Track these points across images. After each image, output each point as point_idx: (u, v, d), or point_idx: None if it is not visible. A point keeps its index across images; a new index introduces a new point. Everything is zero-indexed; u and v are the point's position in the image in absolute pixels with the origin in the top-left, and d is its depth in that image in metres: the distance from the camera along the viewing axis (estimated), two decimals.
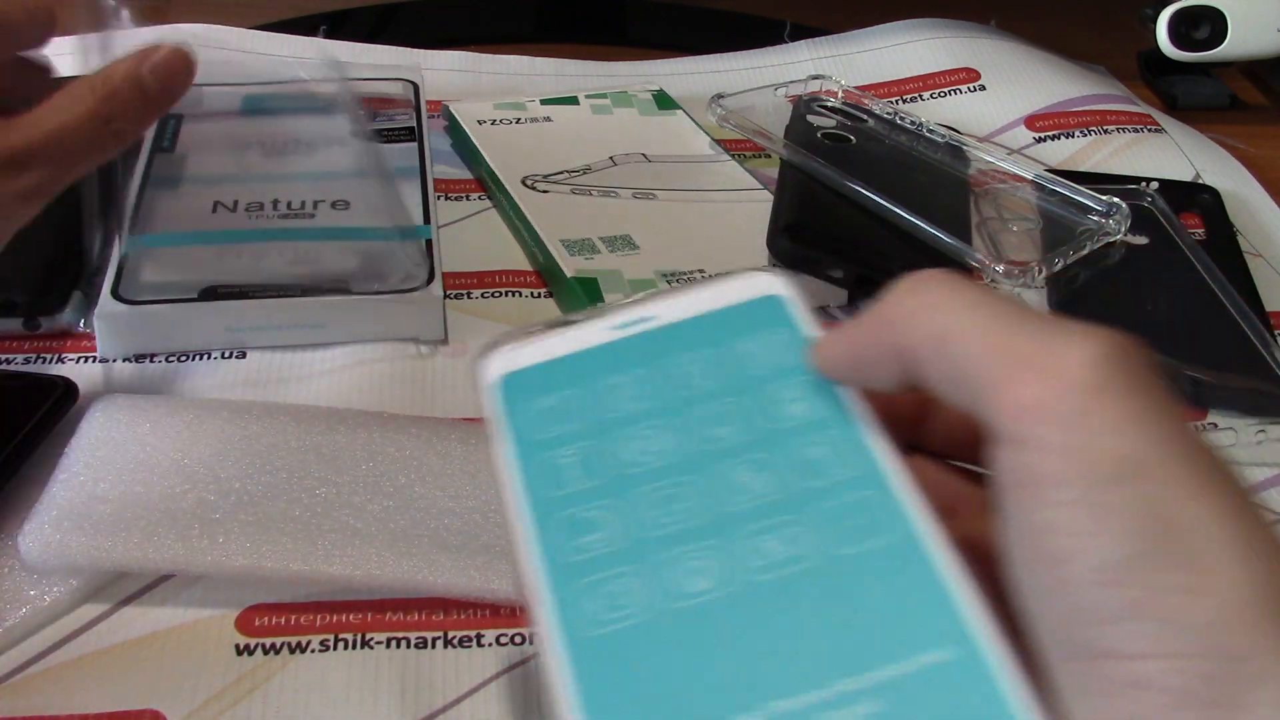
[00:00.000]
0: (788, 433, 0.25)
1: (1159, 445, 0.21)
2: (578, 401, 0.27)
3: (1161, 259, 0.53)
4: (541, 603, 0.23)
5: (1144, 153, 0.63)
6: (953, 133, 0.59)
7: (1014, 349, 0.22)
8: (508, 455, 0.26)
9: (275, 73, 0.59)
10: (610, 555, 0.24)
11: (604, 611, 0.23)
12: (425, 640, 0.35)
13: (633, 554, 0.24)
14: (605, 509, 0.25)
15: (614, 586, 0.24)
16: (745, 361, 0.27)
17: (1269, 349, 0.47)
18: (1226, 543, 0.21)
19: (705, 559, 0.24)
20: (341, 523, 0.37)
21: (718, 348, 0.27)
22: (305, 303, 0.45)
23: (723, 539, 0.24)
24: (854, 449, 0.25)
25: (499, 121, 0.60)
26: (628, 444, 0.26)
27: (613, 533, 0.24)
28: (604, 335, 0.28)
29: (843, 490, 0.24)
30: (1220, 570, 0.20)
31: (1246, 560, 0.20)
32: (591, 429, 0.26)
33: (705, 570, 0.23)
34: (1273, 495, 0.43)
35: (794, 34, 0.74)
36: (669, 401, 0.26)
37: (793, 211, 0.52)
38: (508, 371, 0.27)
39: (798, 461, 0.25)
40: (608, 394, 0.27)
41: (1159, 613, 0.20)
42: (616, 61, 0.70)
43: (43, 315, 0.46)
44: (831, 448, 0.25)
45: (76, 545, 0.35)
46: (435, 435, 0.40)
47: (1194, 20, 0.69)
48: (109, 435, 0.38)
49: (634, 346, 0.27)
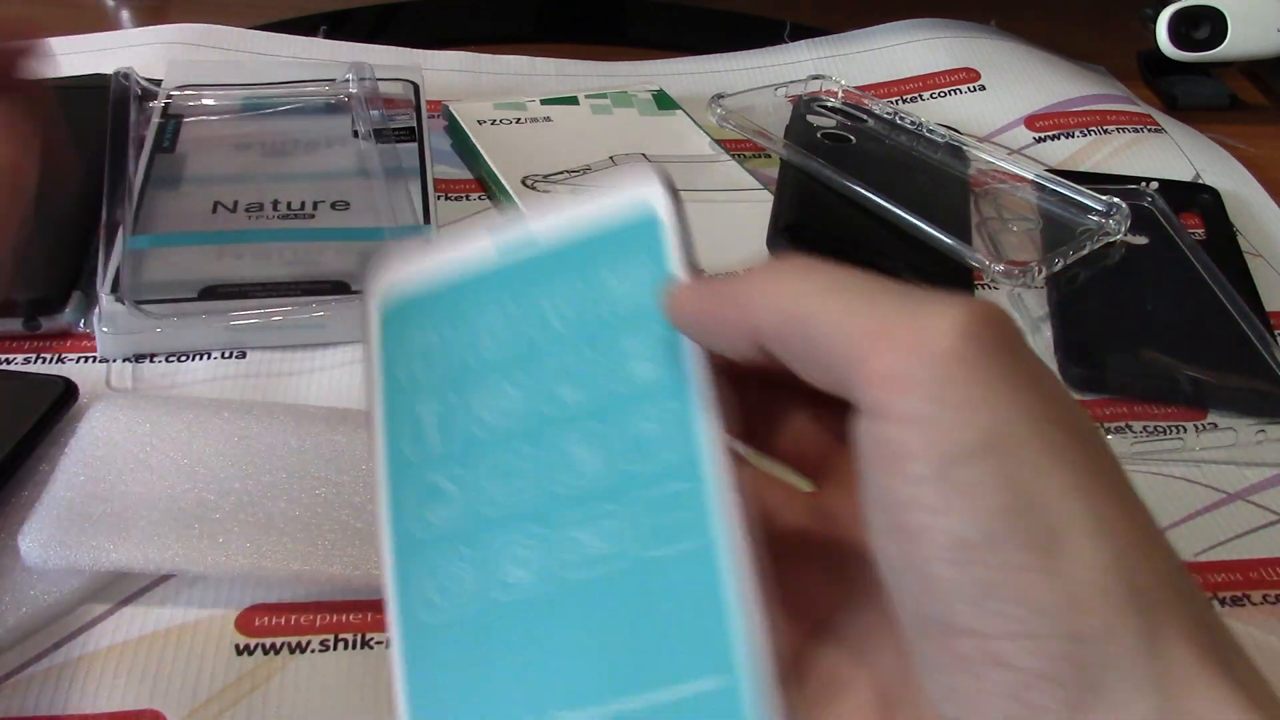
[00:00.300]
0: (626, 401, 0.25)
1: (1020, 418, 0.20)
2: (447, 343, 0.26)
3: (1161, 259, 0.53)
4: (389, 580, 0.24)
5: (1144, 153, 0.63)
6: (953, 133, 0.59)
7: (875, 323, 0.21)
8: (377, 402, 0.26)
9: (275, 73, 0.59)
10: (452, 535, 0.24)
11: (437, 597, 0.24)
12: None
13: (470, 535, 0.24)
14: (453, 479, 0.25)
15: (450, 570, 0.24)
16: (606, 301, 0.26)
17: (1269, 349, 0.47)
18: (1084, 519, 0.20)
19: (529, 549, 0.24)
20: (341, 523, 0.37)
21: (583, 282, 0.26)
22: (305, 303, 0.45)
23: (547, 527, 0.24)
24: (683, 430, 0.24)
25: (499, 121, 0.60)
26: (483, 399, 0.25)
27: (456, 509, 0.25)
28: (486, 259, 0.27)
29: (664, 480, 0.24)
30: (1076, 549, 0.20)
31: (1104, 536, 0.20)
32: (455, 376, 0.26)
33: (527, 561, 0.24)
34: (1273, 495, 0.43)
35: (794, 34, 0.74)
36: (528, 348, 0.26)
37: (793, 211, 0.52)
38: (389, 302, 0.27)
39: (629, 439, 0.24)
40: (474, 335, 0.26)
41: (1012, 593, 0.20)
42: (616, 61, 0.70)
43: (43, 315, 0.46)
44: (662, 426, 0.24)
45: (76, 545, 0.35)
46: None
47: (1194, 20, 0.69)
48: (109, 435, 0.38)
49: (508, 277, 0.26)
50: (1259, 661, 0.20)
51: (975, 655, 0.20)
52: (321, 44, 0.68)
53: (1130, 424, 0.45)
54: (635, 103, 0.62)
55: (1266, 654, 0.37)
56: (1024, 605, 0.20)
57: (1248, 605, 0.38)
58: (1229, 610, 0.38)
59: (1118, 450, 0.44)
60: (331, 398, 0.44)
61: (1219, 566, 0.40)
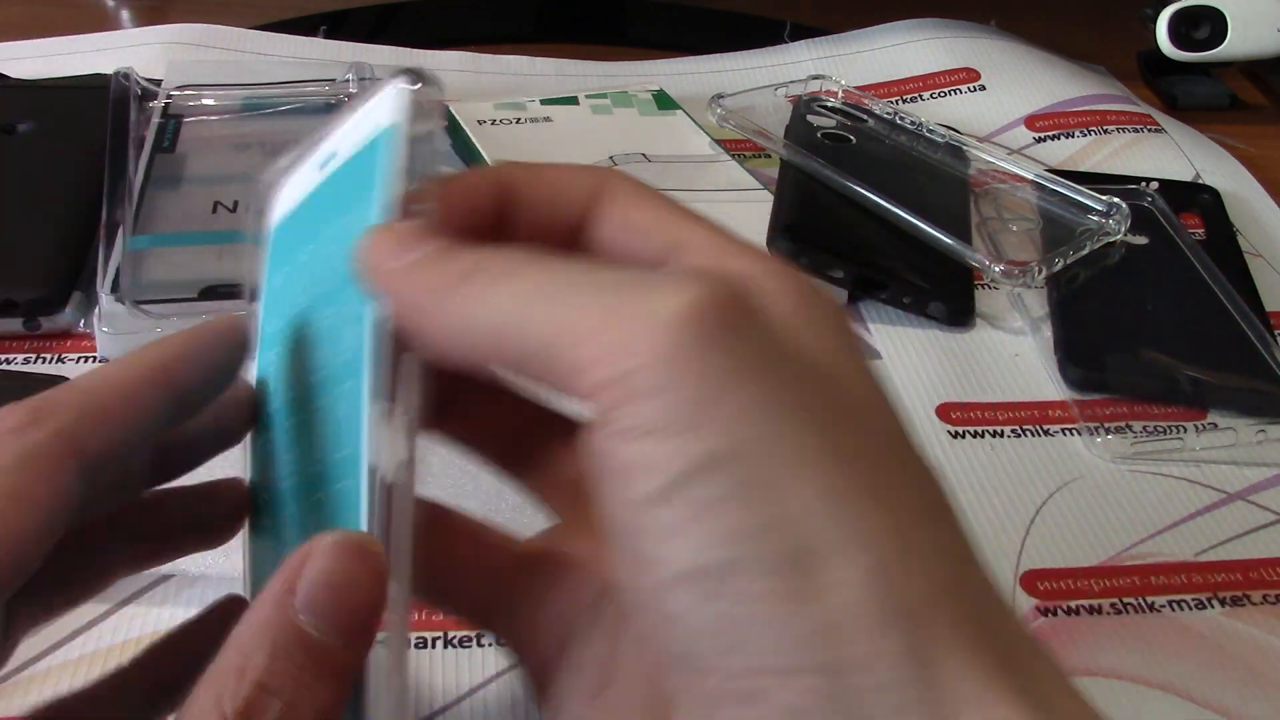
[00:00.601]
0: (324, 384, 0.22)
1: (762, 417, 0.17)
2: (280, 287, 0.25)
3: (1161, 259, 0.53)
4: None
5: (1144, 153, 0.63)
6: (953, 133, 0.59)
7: (594, 320, 0.18)
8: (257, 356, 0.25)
9: (275, 73, 0.59)
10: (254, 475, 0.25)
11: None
12: (425, 640, 0.35)
13: (256, 481, 0.25)
14: (258, 446, 0.25)
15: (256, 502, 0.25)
16: (341, 241, 0.22)
17: (1269, 349, 0.47)
18: (839, 532, 0.17)
19: (260, 550, 0.25)
20: None
21: (338, 213, 0.23)
22: None
23: (265, 530, 0.25)
24: (352, 424, 0.21)
25: (499, 121, 0.60)
26: (278, 360, 0.24)
27: (256, 480, 0.25)
28: (312, 177, 0.25)
29: (336, 477, 0.21)
30: (830, 568, 0.17)
31: (864, 550, 0.17)
32: (281, 326, 0.24)
33: (258, 564, 0.25)
34: (1273, 495, 0.43)
35: (794, 34, 0.74)
36: (298, 303, 0.24)
37: (793, 211, 0.52)
38: (269, 230, 0.26)
39: (333, 423, 0.22)
40: (288, 278, 0.25)
41: (759, 626, 0.17)
42: (616, 61, 0.70)
43: (43, 315, 0.46)
44: (339, 419, 0.21)
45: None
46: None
47: (1194, 20, 0.69)
48: None
49: (311, 206, 0.24)
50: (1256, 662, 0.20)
51: (724, 694, 0.17)
52: (321, 44, 0.68)
53: (1130, 424, 0.45)
54: (635, 103, 0.62)
55: (1267, 654, 0.37)
56: (772, 638, 0.17)
57: (1248, 605, 0.38)
58: (1229, 610, 0.38)
59: (1118, 450, 0.44)
60: None
61: (1219, 566, 0.40)
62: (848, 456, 0.18)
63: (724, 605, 0.17)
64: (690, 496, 0.17)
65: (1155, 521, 0.42)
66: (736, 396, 0.17)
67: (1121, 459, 0.44)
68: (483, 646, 0.35)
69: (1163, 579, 0.39)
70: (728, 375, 0.17)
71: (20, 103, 0.56)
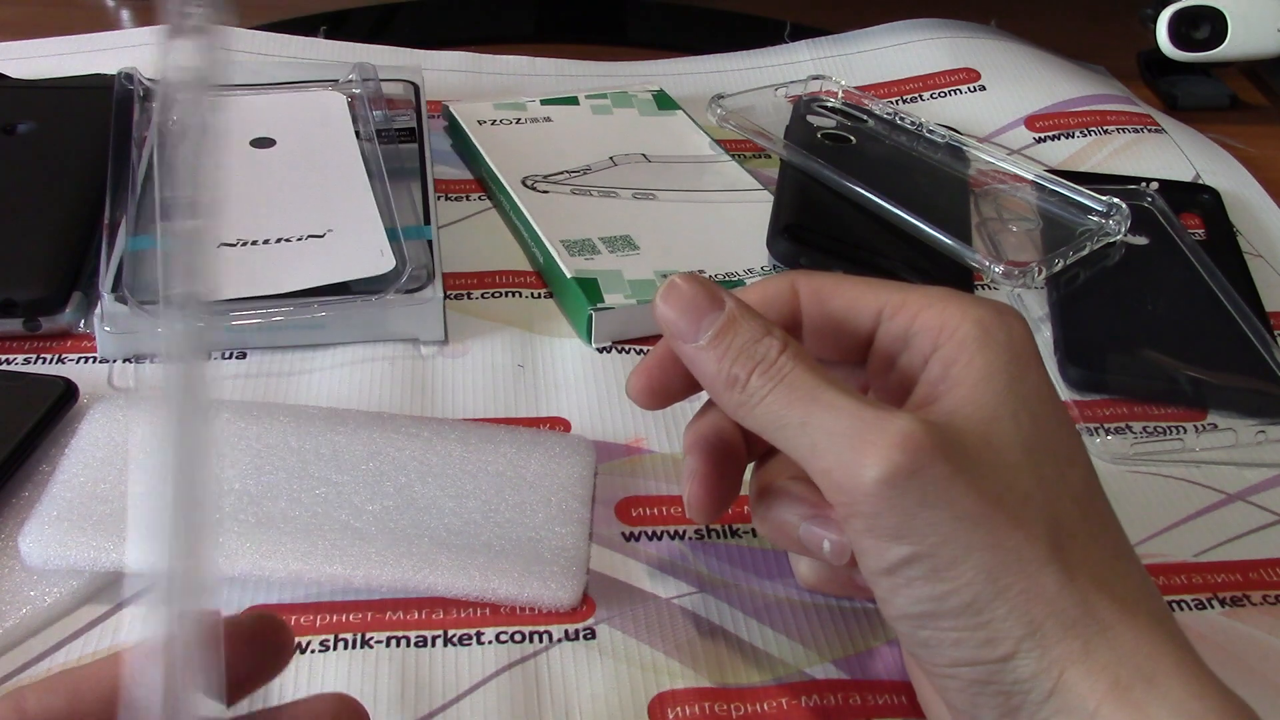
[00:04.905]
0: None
1: (940, 531, 0.27)
2: None
3: (1161, 259, 0.53)
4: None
5: (1144, 153, 0.63)
6: (953, 133, 0.59)
7: (827, 460, 0.28)
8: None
9: (275, 73, 0.59)
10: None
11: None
12: (425, 639, 0.35)
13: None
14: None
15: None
16: None
17: (1269, 349, 0.47)
18: (992, 588, 0.27)
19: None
20: (341, 523, 0.37)
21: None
22: (305, 303, 0.45)
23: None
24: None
25: (499, 122, 0.60)
26: None
27: None
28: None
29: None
30: (986, 612, 0.27)
31: (1006, 600, 0.27)
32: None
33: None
34: (1273, 495, 0.43)
35: (794, 34, 0.74)
36: None
37: (793, 212, 0.52)
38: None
39: None
40: None
41: (947, 644, 0.27)
42: (616, 61, 0.70)
43: (43, 315, 0.46)
44: None
45: (76, 545, 0.35)
46: (435, 435, 0.40)
47: (1194, 20, 0.69)
48: (109, 436, 0.39)
49: None
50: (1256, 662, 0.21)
51: (931, 675, 0.29)
52: (321, 44, 0.68)
53: (1130, 424, 0.45)
54: (635, 103, 0.62)
55: (1267, 654, 0.37)
56: (955, 650, 0.27)
57: (1248, 605, 0.38)
58: (1229, 611, 0.38)
59: (1118, 451, 0.44)
60: (331, 398, 0.44)
61: (1219, 567, 0.40)
62: (1001, 541, 0.27)
63: (926, 634, 0.28)
64: (901, 575, 0.27)
65: (1155, 522, 0.42)
66: (925, 518, 0.27)
67: (1121, 459, 0.44)
68: (483, 645, 0.35)
69: (1162, 579, 0.39)
70: (918, 507, 0.27)
71: (20, 103, 0.56)
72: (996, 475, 0.28)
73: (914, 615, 0.27)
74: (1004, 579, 0.27)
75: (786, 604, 0.37)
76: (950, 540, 0.27)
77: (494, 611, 0.36)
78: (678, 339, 0.31)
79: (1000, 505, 0.27)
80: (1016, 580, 0.27)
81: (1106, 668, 0.26)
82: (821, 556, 0.32)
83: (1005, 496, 0.27)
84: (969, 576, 0.27)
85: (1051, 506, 0.28)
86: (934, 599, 0.27)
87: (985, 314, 0.30)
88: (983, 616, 0.27)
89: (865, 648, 0.36)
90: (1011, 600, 0.27)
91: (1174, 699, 0.26)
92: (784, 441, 0.29)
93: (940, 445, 0.27)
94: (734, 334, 0.30)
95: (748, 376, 0.29)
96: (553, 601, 0.36)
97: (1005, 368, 0.29)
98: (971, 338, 0.29)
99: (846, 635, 0.36)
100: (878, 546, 0.27)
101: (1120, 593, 0.27)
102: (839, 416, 0.28)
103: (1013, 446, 0.28)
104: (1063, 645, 0.26)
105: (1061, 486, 0.29)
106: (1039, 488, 0.28)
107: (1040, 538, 0.27)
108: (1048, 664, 0.26)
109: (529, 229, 0.52)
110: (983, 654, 0.27)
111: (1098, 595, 0.27)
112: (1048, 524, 0.27)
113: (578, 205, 0.53)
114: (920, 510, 0.27)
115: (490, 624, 0.36)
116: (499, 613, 0.36)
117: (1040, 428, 0.29)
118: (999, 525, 0.27)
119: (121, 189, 0.49)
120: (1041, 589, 0.27)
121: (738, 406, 0.30)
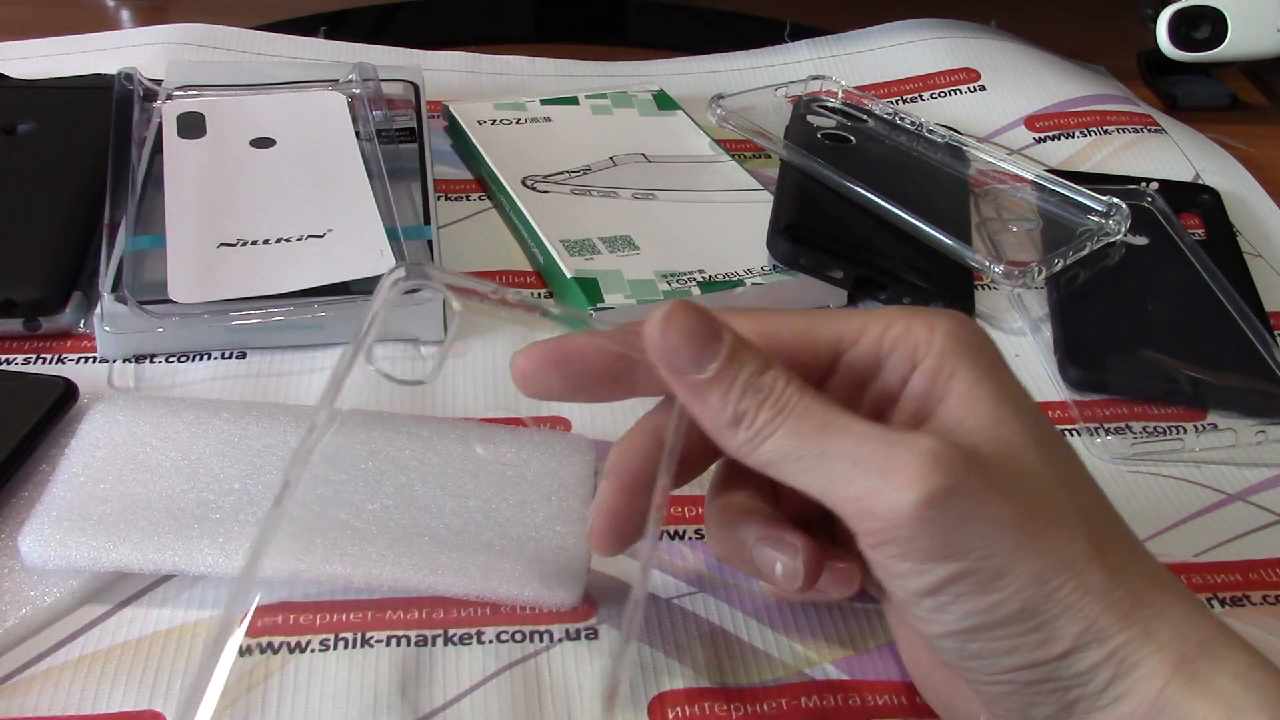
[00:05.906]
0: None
1: (978, 547, 0.27)
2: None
3: (1161, 259, 0.53)
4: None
5: (1144, 153, 0.63)
6: (953, 133, 0.59)
7: (853, 488, 0.28)
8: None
9: (275, 73, 0.59)
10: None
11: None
12: (425, 638, 0.35)
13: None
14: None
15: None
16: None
17: (1269, 349, 0.47)
18: (1040, 593, 0.27)
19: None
20: (341, 522, 0.37)
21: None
22: (305, 303, 0.45)
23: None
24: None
25: (499, 121, 0.60)
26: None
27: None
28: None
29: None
30: (1036, 619, 0.27)
31: (1055, 605, 0.27)
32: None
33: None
34: (1273, 495, 0.43)
35: (794, 34, 0.74)
36: None
37: (793, 212, 0.52)
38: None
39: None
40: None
41: (999, 653, 0.28)
42: (616, 61, 0.70)
43: (43, 315, 0.46)
44: None
45: (76, 545, 0.35)
46: (435, 435, 0.40)
47: (1194, 20, 0.69)
48: (109, 435, 0.39)
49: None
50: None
51: (976, 684, 0.29)
52: (321, 44, 0.68)
53: (1130, 424, 0.45)
54: (635, 103, 0.62)
55: (1267, 654, 0.36)
56: (1008, 658, 0.28)
57: (1247, 605, 0.38)
58: (1229, 610, 0.38)
59: (1118, 451, 0.44)
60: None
61: (1219, 567, 0.40)
62: (1045, 545, 0.27)
63: (977, 646, 0.28)
64: (947, 594, 0.27)
65: (1155, 522, 0.42)
66: (970, 533, 0.27)
67: (1121, 459, 0.44)
68: (483, 644, 0.35)
69: None
70: (961, 524, 0.27)
71: (20, 103, 0.56)
72: (1023, 480, 0.28)
73: (963, 630, 0.27)
74: (1053, 580, 0.27)
75: (786, 604, 0.37)
76: (996, 552, 0.27)
77: (494, 611, 0.36)
78: (676, 372, 0.29)
79: (1034, 509, 0.27)
80: (1066, 580, 0.27)
81: (1170, 646, 0.27)
82: (772, 579, 0.32)
83: (1036, 500, 0.27)
84: (1020, 583, 0.27)
85: (1076, 502, 0.28)
86: (984, 611, 0.27)
87: (950, 324, 0.30)
88: (1036, 619, 0.27)
89: (865, 648, 0.36)
90: (1064, 600, 0.27)
91: (1236, 669, 0.27)
92: (795, 475, 0.28)
93: (970, 459, 0.27)
94: (738, 367, 0.29)
95: (756, 411, 0.28)
96: (554, 601, 0.36)
97: (986, 374, 0.29)
98: (948, 349, 0.29)
99: (846, 635, 0.36)
100: (918, 569, 0.27)
101: (1158, 578, 0.28)
102: (860, 443, 0.27)
103: (1025, 449, 0.28)
104: (1123, 634, 0.27)
105: (1076, 481, 0.29)
106: (1061, 486, 0.28)
107: (1078, 535, 0.27)
108: (1108, 653, 0.27)
109: (529, 229, 0.52)
110: (1039, 655, 0.27)
111: (1141, 582, 0.28)
112: (1080, 521, 0.28)
113: (578, 205, 0.53)
114: (963, 526, 0.27)
115: (491, 623, 0.36)
116: (499, 612, 0.36)
117: (1038, 425, 0.29)
118: (1040, 529, 0.27)
119: (121, 189, 0.49)
120: (1090, 585, 0.27)
121: (742, 444, 0.29)
